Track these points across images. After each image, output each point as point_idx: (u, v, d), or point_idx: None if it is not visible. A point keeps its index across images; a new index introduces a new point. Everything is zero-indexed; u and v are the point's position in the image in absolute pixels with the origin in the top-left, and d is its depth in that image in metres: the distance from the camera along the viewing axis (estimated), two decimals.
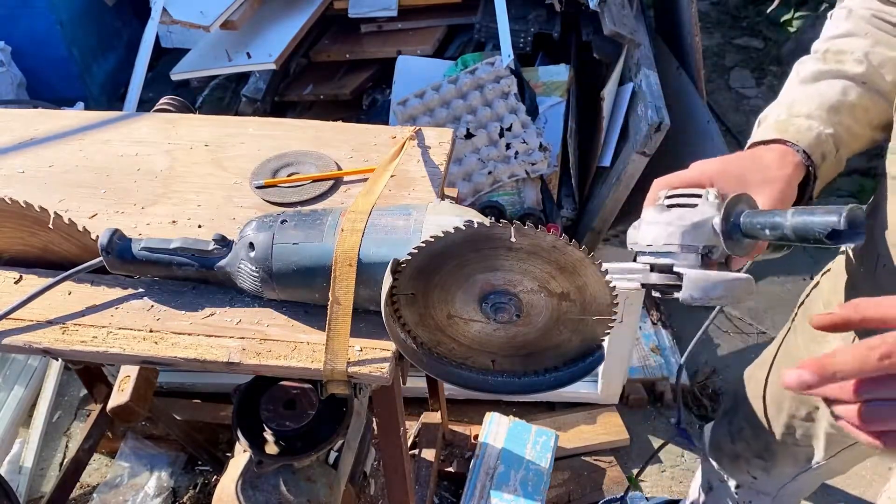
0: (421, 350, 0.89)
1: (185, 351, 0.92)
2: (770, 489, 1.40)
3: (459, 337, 0.88)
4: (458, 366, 0.91)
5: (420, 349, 0.89)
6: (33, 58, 2.96)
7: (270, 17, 2.68)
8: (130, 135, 1.28)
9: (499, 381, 0.92)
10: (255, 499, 1.27)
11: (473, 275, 0.82)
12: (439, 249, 0.79)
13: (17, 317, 0.96)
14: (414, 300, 0.84)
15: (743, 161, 0.86)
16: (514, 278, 0.80)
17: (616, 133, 2.34)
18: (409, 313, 0.85)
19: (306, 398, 1.25)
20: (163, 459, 2.01)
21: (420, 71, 2.52)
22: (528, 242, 0.76)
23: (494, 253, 0.78)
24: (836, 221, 0.68)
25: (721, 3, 4.07)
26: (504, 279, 0.81)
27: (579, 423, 2.05)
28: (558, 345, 0.86)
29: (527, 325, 0.84)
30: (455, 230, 0.76)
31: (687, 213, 0.80)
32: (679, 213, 0.81)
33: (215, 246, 0.95)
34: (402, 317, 0.86)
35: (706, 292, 0.76)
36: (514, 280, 0.81)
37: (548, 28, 2.52)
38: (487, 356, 0.89)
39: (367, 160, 1.19)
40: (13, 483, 1.92)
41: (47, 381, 2.19)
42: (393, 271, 0.80)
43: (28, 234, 1.00)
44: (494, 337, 0.87)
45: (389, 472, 1.22)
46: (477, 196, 2.29)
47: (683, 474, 2.01)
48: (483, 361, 0.90)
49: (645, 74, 2.29)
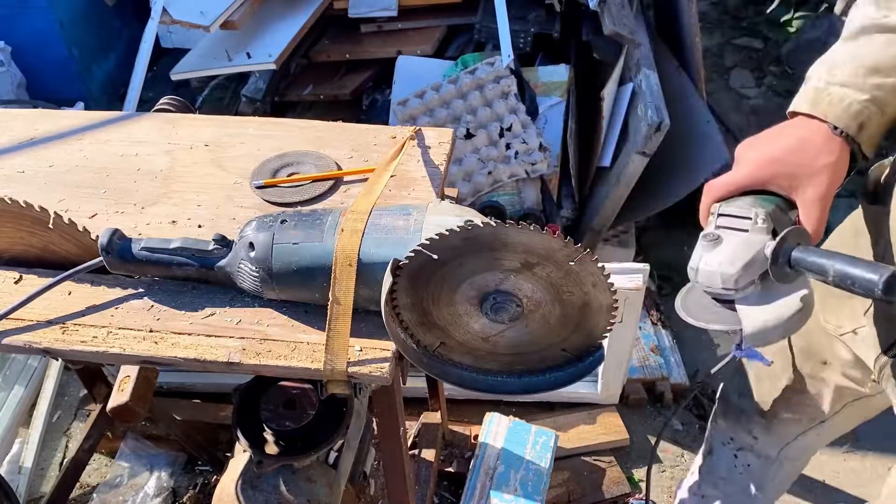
0: (421, 350, 0.89)
1: (185, 351, 0.92)
2: (771, 451, 1.40)
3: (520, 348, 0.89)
4: (458, 366, 0.92)
5: (420, 349, 0.89)
6: (33, 58, 2.95)
7: (270, 17, 2.68)
8: (130, 135, 1.28)
9: (498, 381, 0.92)
10: (255, 499, 1.27)
11: (453, 299, 0.83)
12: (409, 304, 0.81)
13: (17, 317, 0.96)
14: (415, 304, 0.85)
15: (789, 156, 0.86)
16: (479, 280, 0.82)
17: (616, 133, 2.34)
18: (409, 313, 0.85)
19: (306, 398, 1.25)
20: (163, 459, 2.01)
21: (420, 71, 2.52)
22: (446, 249, 0.78)
23: (443, 274, 0.80)
24: (875, 282, 0.74)
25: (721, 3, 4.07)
26: (474, 287, 0.82)
27: (579, 423, 2.05)
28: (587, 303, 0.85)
29: (538, 306, 0.85)
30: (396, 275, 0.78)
31: (740, 249, 0.82)
32: (731, 249, 0.83)
33: (215, 246, 0.95)
34: (402, 317, 0.86)
35: (766, 339, 0.82)
36: (480, 281, 0.82)
37: (548, 28, 2.52)
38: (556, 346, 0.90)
39: (367, 160, 1.19)
40: (13, 483, 1.92)
41: (47, 381, 2.19)
42: (393, 271, 0.80)
43: (28, 234, 1.00)
44: (532, 331, 0.87)
45: (389, 472, 1.22)
46: (477, 196, 2.29)
47: (683, 474, 2.01)
48: (556, 354, 0.90)
49: (645, 74, 2.29)
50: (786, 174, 0.86)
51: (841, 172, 0.86)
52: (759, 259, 0.81)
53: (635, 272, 1.71)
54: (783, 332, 0.82)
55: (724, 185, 0.90)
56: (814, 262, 0.79)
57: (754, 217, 0.84)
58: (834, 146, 0.86)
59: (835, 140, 0.86)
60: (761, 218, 0.84)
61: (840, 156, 0.86)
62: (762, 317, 0.82)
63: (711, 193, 0.90)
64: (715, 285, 0.83)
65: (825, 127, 0.87)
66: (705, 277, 0.84)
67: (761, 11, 3.88)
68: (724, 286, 0.82)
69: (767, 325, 0.81)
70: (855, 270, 0.76)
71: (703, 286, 0.85)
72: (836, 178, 0.86)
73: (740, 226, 0.85)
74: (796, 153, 0.86)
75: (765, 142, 0.89)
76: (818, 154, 0.85)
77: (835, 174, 0.85)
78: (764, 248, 0.81)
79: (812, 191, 0.85)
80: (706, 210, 0.91)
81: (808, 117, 0.89)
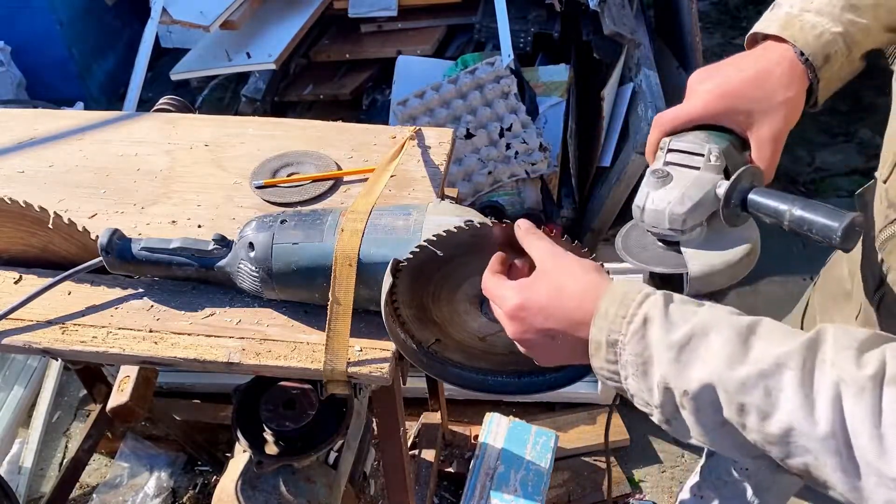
0: (421, 350, 0.89)
1: (184, 351, 0.92)
2: None
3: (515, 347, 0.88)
4: (458, 366, 0.91)
5: (420, 349, 0.89)
6: (33, 58, 2.95)
7: (270, 17, 2.68)
8: (130, 135, 1.28)
9: (498, 381, 0.92)
10: (255, 499, 1.26)
11: (454, 297, 0.83)
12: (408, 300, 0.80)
13: (17, 317, 0.96)
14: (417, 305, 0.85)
15: (746, 89, 0.82)
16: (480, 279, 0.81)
17: (616, 133, 2.34)
18: (407, 309, 0.85)
19: (306, 398, 1.25)
20: (162, 460, 2.01)
21: (420, 71, 2.52)
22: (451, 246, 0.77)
23: (446, 271, 0.79)
24: (835, 228, 0.69)
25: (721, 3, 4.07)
26: (475, 286, 0.81)
27: (579, 423, 2.05)
28: None
29: None
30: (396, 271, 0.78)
31: (690, 188, 0.78)
32: (681, 188, 0.79)
33: (215, 246, 0.95)
34: (402, 317, 0.86)
35: (711, 283, 0.78)
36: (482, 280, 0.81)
37: (548, 28, 2.52)
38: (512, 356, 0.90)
39: (367, 160, 1.19)
40: (13, 483, 1.92)
41: (47, 381, 2.19)
42: (393, 271, 0.80)
43: (28, 234, 1.00)
44: None
45: (389, 472, 1.22)
46: (477, 196, 2.28)
47: (683, 474, 2.01)
48: (503, 360, 0.90)
49: (645, 74, 2.29)
50: (741, 109, 0.82)
51: (797, 110, 0.83)
52: (710, 199, 0.77)
53: (635, 272, 1.71)
54: (729, 277, 0.78)
55: (675, 118, 0.84)
56: (770, 205, 0.75)
57: (707, 154, 0.79)
58: (794, 79, 0.82)
59: (796, 71, 0.82)
60: (714, 155, 0.79)
61: (799, 90, 0.82)
62: (709, 261, 0.78)
63: (661, 126, 0.86)
64: (661, 225, 0.79)
65: (789, 55, 0.83)
66: (651, 217, 0.79)
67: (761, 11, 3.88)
68: (671, 227, 0.78)
69: (714, 268, 0.77)
70: (813, 216, 0.71)
71: (648, 226, 0.81)
72: (793, 115, 0.82)
73: (691, 162, 0.80)
74: (754, 87, 0.82)
75: (721, 72, 0.85)
76: (776, 88, 0.81)
77: (791, 111, 0.82)
78: (716, 188, 0.77)
79: (767, 128, 0.81)
80: (654, 144, 0.86)
81: (775, 41, 0.85)
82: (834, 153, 3.04)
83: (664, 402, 0.65)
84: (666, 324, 0.65)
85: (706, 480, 1.58)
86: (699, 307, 0.66)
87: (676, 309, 0.66)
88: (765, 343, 0.61)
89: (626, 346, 0.66)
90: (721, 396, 0.61)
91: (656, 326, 0.65)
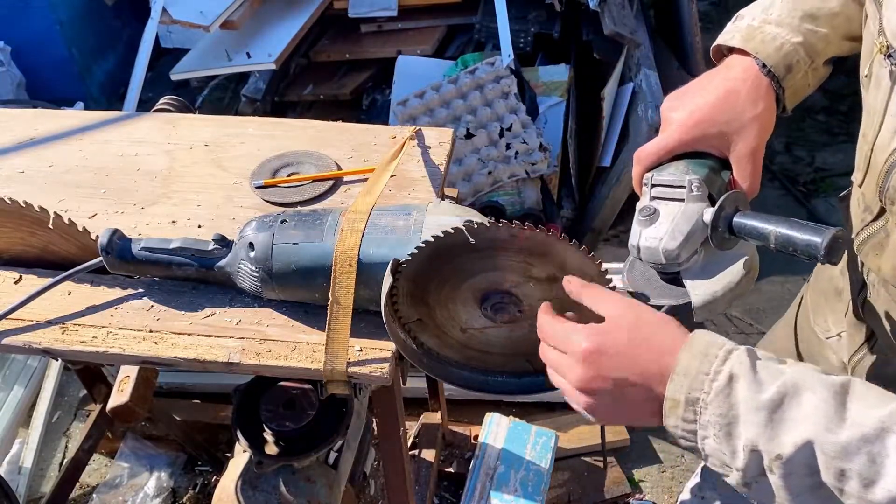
0: (421, 350, 0.89)
1: (184, 351, 0.92)
2: None
3: (487, 347, 0.88)
4: (458, 366, 0.91)
5: (420, 349, 0.89)
6: (33, 58, 2.95)
7: (270, 17, 2.68)
8: (130, 135, 1.28)
9: (498, 381, 0.92)
10: (255, 499, 1.26)
11: (460, 285, 0.82)
12: (412, 273, 0.79)
13: (17, 317, 0.96)
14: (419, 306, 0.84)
15: (716, 113, 0.84)
16: (498, 276, 0.81)
17: (616, 133, 2.34)
18: (406, 282, 0.84)
19: (306, 398, 1.25)
20: (162, 460, 2.01)
21: (420, 71, 2.52)
22: (486, 239, 0.76)
23: (467, 259, 0.79)
24: (818, 244, 0.71)
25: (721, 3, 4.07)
26: (489, 280, 0.81)
27: (579, 423, 2.05)
28: None
29: (535, 317, 0.84)
30: (418, 249, 0.77)
31: (678, 221, 0.80)
32: (669, 223, 0.81)
33: (215, 246, 0.95)
34: (402, 317, 0.86)
35: (715, 309, 0.80)
36: (498, 278, 0.81)
37: (548, 28, 2.52)
38: (521, 357, 0.89)
39: (367, 160, 1.19)
40: (13, 483, 1.92)
41: (47, 381, 2.19)
42: (393, 271, 0.80)
43: (28, 234, 1.00)
44: (514, 337, 0.87)
45: (389, 473, 1.22)
46: (477, 196, 2.29)
47: (683, 474, 2.01)
48: (517, 363, 0.90)
49: (645, 74, 2.29)
50: (714, 133, 0.83)
51: (769, 123, 0.84)
52: (699, 228, 0.79)
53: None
54: (731, 299, 0.80)
55: (654, 153, 0.86)
56: (754, 227, 0.77)
57: (688, 185, 0.81)
58: (760, 93, 0.83)
59: (762, 85, 0.84)
60: (695, 185, 0.81)
61: (767, 104, 0.83)
62: (710, 288, 0.80)
63: (641, 162, 0.87)
64: (658, 261, 0.81)
65: (753, 69, 0.84)
66: (647, 254, 0.81)
67: None
68: (668, 261, 0.80)
69: (716, 295, 0.79)
70: (796, 234, 0.73)
71: (646, 262, 0.83)
72: (765, 129, 0.83)
73: (675, 195, 0.82)
74: (722, 109, 0.84)
75: (690, 98, 0.86)
76: (745, 107, 0.83)
77: (763, 125, 0.83)
78: (702, 216, 0.79)
79: (743, 145, 0.83)
80: (638, 179, 0.88)
81: (738, 54, 0.86)
82: (834, 153, 3.04)
83: (748, 465, 0.62)
84: (754, 383, 0.61)
85: (707, 481, 1.58)
86: (784, 364, 0.64)
87: (763, 366, 0.63)
88: (862, 405, 0.59)
89: (709, 406, 0.63)
90: (819, 460, 0.59)
91: (743, 386, 0.61)
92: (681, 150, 0.85)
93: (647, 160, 0.87)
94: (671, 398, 0.64)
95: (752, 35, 0.86)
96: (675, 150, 0.85)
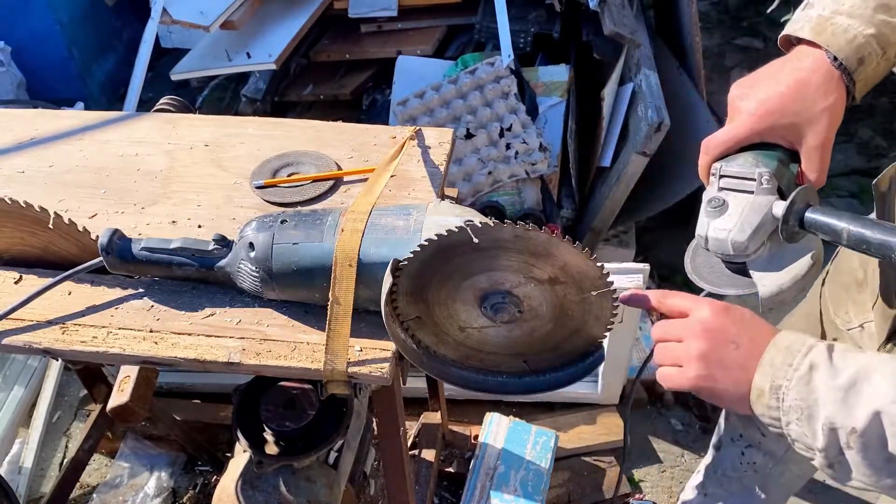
0: (420, 349, 0.89)
1: (185, 351, 0.92)
2: (776, 449, 1.39)
3: (484, 346, 0.88)
4: (458, 366, 0.92)
5: (420, 349, 0.89)
6: (33, 58, 2.96)
7: (270, 17, 2.68)
8: (130, 135, 1.28)
9: (498, 381, 0.92)
10: (255, 499, 1.27)
11: (461, 284, 0.82)
12: (413, 271, 0.79)
13: (17, 317, 0.96)
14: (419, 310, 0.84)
15: (787, 104, 0.83)
16: (499, 276, 0.81)
17: (616, 133, 2.34)
18: (408, 280, 0.84)
19: (306, 398, 1.25)
20: (163, 460, 2.01)
21: (420, 71, 2.52)
22: (489, 239, 0.76)
23: (469, 258, 0.79)
24: (893, 245, 0.73)
25: (721, 3, 4.07)
26: (490, 280, 0.81)
27: (579, 423, 2.05)
28: (578, 330, 0.86)
29: (534, 318, 0.84)
30: (421, 247, 0.77)
31: (748, 214, 0.81)
32: (738, 214, 0.82)
33: (215, 246, 0.95)
34: (401, 314, 0.86)
35: (782, 300, 0.83)
36: (500, 278, 0.81)
37: (548, 28, 2.52)
38: (519, 357, 0.89)
39: (367, 160, 1.19)
40: (13, 483, 1.92)
41: (47, 381, 2.19)
42: (393, 271, 0.80)
43: (28, 234, 1.00)
44: (512, 337, 0.87)
45: (389, 473, 1.22)
46: (477, 196, 2.29)
47: (683, 474, 2.01)
48: (514, 363, 0.90)
49: (645, 74, 2.29)
50: (784, 125, 0.83)
51: (839, 114, 0.84)
52: (768, 221, 0.81)
53: (635, 272, 1.71)
54: (797, 291, 0.82)
55: (723, 143, 0.86)
56: (826, 223, 0.78)
57: (758, 178, 0.82)
58: (831, 85, 0.83)
59: (832, 77, 0.83)
60: (766, 178, 0.81)
61: (837, 96, 0.83)
62: (777, 280, 0.81)
63: (710, 152, 0.87)
64: (726, 252, 0.82)
65: (824, 61, 0.83)
66: (715, 245, 0.83)
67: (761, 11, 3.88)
68: (736, 252, 0.81)
69: (784, 286, 0.81)
70: (871, 233, 0.74)
71: (713, 252, 0.84)
72: (835, 120, 0.83)
73: (744, 187, 0.83)
74: (793, 100, 0.83)
75: (760, 88, 0.86)
76: (816, 97, 0.83)
77: (833, 117, 0.83)
78: (772, 209, 0.80)
79: (813, 138, 0.83)
80: (706, 169, 0.88)
81: (808, 45, 0.85)
82: (834, 153, 3.03)
83: (828, 445, 0.67)
84: (831, 369, 0.68)
85: (710, 478, 1.58)
86: (860, 353, 0.69)
87: (840, 356, 0.69)
88: None
89: (791, 391, 0.69)
90: (888, 431, 0.63)
91: (821, 372, 0.68)
92: (751, 140, 0.85)
93: (715, 150, 0.87)
94: (757, 387, 0.71)
95: (822, 27, 0.84)
96: (744, 140, 0.85)
